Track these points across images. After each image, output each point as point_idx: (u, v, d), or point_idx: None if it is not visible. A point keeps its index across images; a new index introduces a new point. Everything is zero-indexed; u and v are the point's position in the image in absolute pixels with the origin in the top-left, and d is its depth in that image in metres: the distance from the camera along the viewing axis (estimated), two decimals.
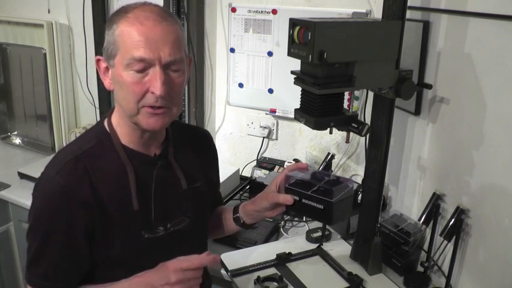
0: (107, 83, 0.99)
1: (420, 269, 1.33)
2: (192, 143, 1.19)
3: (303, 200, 1.11)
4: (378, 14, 1.61)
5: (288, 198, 1.12)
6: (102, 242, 0.98)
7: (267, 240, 1.48)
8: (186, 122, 2.02)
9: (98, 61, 0.99)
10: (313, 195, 1.10)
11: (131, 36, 0.90)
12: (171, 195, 1.07)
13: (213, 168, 1.27)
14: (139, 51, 0.89)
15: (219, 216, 1.29)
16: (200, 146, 1.22)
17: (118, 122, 1.02)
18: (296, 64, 1.12)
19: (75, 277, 1.00)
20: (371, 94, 1.30)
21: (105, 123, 1.04)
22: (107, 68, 0.97)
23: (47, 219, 0.96)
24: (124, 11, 0.93)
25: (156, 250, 1.02)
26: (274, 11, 1.79)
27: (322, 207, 1.09)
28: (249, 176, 1.90)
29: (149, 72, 0.91)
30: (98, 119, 2.13)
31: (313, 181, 1.14)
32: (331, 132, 1.16)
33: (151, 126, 0.96)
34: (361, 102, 1.72)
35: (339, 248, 1.44)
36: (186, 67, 0.98)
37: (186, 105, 1.99)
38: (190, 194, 1.10)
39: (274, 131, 1.95)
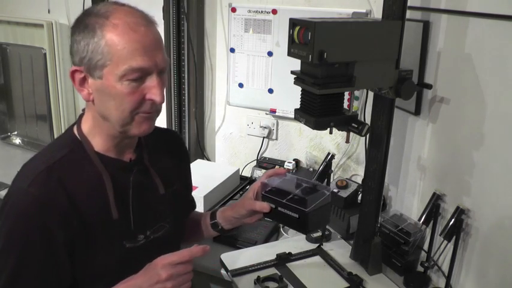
0: (85, 94, 0.92)
1: (420, 269, 1.33)
2: (165, 146, 1.15)
3: (279, 208, 1.09)
4: (378, 14, 1.61)
5: (264, 206, 1.10)
6: (83, 256, 0.93)
7: (267, 240, 1.48)
8: (186, 122, 2.02)
9: (73, 72, 0.90)
10: (288, 203, 1.08)
11: (125, 46, 0.85)
12: (149, 200, 1.04)
13: (187, 171, 1.25)
14: (137, 61, 0.86)
15: (196, 222, 1.26)
16: (173, 148, 1.18)
17: (90, 130, 0.97)
18: (296, 64, 1.12)
19: None
20: (371, 94, 1.30)
21: (75, 132, 0.98)
22: (84, 78, 0.90)
23: (22, 238, 0.87)
24: (103, 15, 0.87)
25: (138, 260, 0.95)
26: (274, 11, 1.79)
27: (297, 216, 1.07)
28: (249, 176, 1.90)
29: (145, 80, 0.89)
30: None
31: (289, 189, 1.12)
32: (331, 132, 1.15)
33: (144, 131, 0.94)
34: (361, 102, 1.72)
35: (339, 248, 1.44)
36: None
37: (186, 105, 1.99)
38: (168, 198, 1.08)
39: (274, 131, 1.95)
